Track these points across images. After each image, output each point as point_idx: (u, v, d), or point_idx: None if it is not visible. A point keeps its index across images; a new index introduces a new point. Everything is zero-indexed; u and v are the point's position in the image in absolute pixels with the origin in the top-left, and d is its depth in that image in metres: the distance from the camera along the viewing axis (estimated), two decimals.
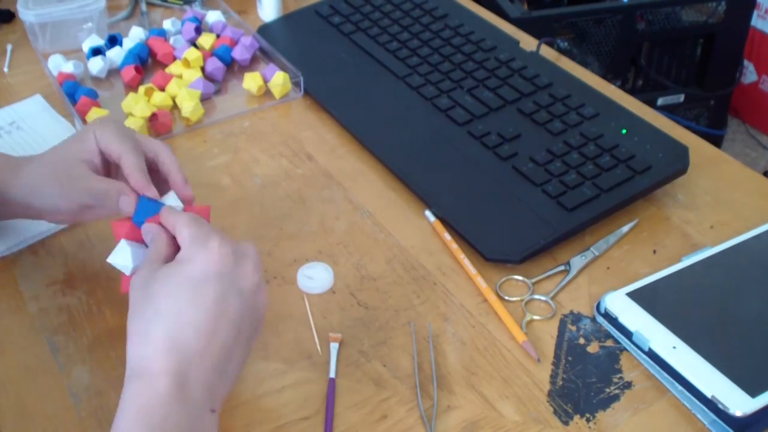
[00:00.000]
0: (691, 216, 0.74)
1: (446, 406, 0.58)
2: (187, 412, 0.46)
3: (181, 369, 0.47)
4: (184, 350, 0.47)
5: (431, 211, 0.74)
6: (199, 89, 0.88)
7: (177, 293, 0.48)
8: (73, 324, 0.64)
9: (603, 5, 1.75)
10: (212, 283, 0.49)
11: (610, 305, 0.63)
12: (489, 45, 0.92)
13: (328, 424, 0.56)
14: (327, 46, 0.97)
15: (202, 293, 0.48)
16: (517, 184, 0.74)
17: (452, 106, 0.84)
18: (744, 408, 0.54)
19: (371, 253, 0.70)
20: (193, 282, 0.49)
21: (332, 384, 0.59)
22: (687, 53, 1.87)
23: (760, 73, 2.25)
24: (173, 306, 0.48)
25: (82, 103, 0.86)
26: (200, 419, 0.47)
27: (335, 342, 0.62)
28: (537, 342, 0.62)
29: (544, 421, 0.57)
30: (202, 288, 0.48)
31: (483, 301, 0.66)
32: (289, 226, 0.73)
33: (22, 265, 0.70)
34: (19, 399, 0.59)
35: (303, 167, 0.81)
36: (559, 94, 0.84)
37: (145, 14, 1.07)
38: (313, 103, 0.90)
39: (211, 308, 0.48)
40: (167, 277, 0.49)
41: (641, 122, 0.80)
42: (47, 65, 0.94)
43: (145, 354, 0.47)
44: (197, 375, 0.47)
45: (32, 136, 0.85)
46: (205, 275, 0.49)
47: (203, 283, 0.49)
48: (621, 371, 0.60)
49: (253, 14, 1.08)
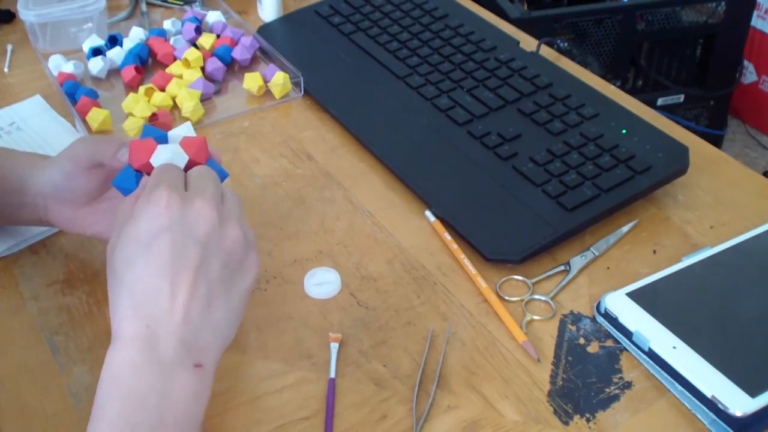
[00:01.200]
0: (691, 216, 0.74)
1: (446, 406, 0.58)
2: (160, 371, 0.45)
3: (149, 331, 0.45)
4: (148, 311, 0.46)
5: (431, 211, 0.74)
6: (200, 89, 0.88)
7: (131, 257, 0.47)
8: (73, 324, 0.64)
9: (603, 5, 1.75)
10: (161, 237, 0.47)
11: (610, 305, 0.63)
12: (489, 45, 0.92)
13: (328, 424, 0.56)
14: (327, 46, 0.97)
15: (153, 250, 0.46)
16: (517, 184, 0.74)
17: (452, 106, 0.84)
18: (744, 408, 0.54)
19: (371, 253, 0.70)
20: (143, 241, 0.47)
21: (332, 384, 0.59)
22: (687, 53, 1.87)
23: (760, 73, 2.25)
24: (130, 271, 0.47)
25: (82, 104, 0.86)
26: (178, 377, 0.45)
27: (335, 342, 0.62)
28: (537, 342, 0.62)
29: (544, 421, 0.57)
30: (152, 245, 0.47)
31: (483, 301, 0.66)
32: (289, 226, 0.73)
33: (22, 265, 0.70)
34: (19, 399, 0.59)
35: (303, 167, 0.81)
36: (559, 95, 0.84)
37: (145, 14, 1.07)
38: (313, 103, 0.90)
39: (166, 262, 0.46)
40: (122, 243, 0.48)
41: (641, 122, 0.80)
42: (47, 65, 0.94)
43: (115, 325, 0.46)
44: (167, 332, 0.46)
45: (32, 137, 0.85)
46: (152, 231, 0.47)
47: (153, 240, 0.47)
48: (621, 371, 0.60)
49: (253, 14, 1.08)
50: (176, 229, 0.47)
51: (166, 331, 0.46)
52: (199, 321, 0.47)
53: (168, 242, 0.47)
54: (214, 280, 0.48)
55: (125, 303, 0.46)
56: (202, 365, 0.47)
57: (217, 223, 0.49)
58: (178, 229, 0.47)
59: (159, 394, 0.44)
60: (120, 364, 0.45)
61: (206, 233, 0.48)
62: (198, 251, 0.47)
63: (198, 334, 0.47)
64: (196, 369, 0.46)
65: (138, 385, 0.44)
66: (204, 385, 0.47)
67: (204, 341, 0.47)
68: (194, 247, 0.47)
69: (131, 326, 0.46)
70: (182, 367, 0.46)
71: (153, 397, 0.44)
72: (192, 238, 0.47)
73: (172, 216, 0.47)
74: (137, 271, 0.47)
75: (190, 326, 0.46)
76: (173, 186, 0.49)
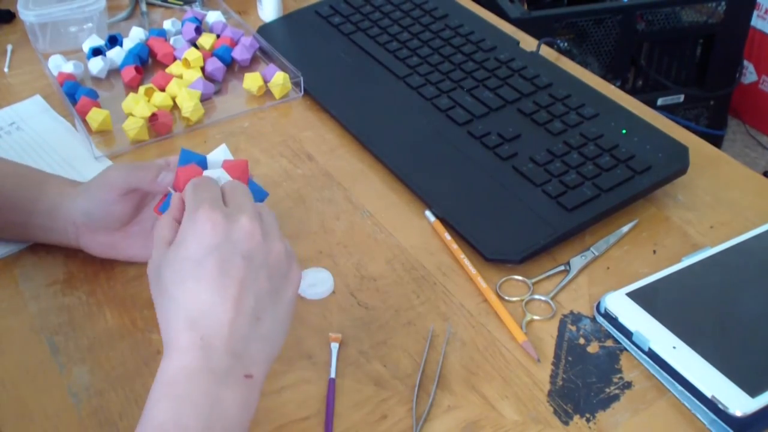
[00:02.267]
0: (691, 216, 0.74)
1: (446, 406, 0.58)
2: (213, 380, 0.46)
3: (204, 342, 0.47)
4: (203, 324, 0.48)
5: (431, 211, 0.74)
6: (199, 89, 0.88)
7: (182, 277, 0.49)
8: (73, 324, 0.64)
9: (603, 5, 1.75)
10: (210, 256, 0.49)
11: (610, 305, 0.63)
12: (489, 45, 0.92)
13: (328, 424, 0.56)
14: (327, 46, 0.97)
15: (204, 268, 0.49)
16: (517, 184, 0.74)
17: (452, 106, 0.84)
18: (744, 408, 0.54)
19: (371, 253, 0.70)
20: (192, 262, 0.49)
21: (332, 384, 0.59)
22: (687, 53, 1.87)
23: (760, 73, 2.25)
24: (183, 289, 0.49)
25: (82, 104, 0.86)
26: (229, 386, 0.47)
27: (335, 342, 0.62)
28: (537, 342, 0.62)
29: (544, 421, 0.57)
30: (202, 265, 0.49)
31: (483, 301, 0.66)
32: (289, 226, 0.73)
33: (22, 265, 0.70)
34: (19, 399, 0.59)
35: (303, 167, 0.81)
36: (559, 95, 0.84)
37: (145, 14, 1.07)
38: (313, 103, 0.90)
39: (216, 278, 0.48)
40: (171, 263, 0.50)
41: (641, 122, 0.80)
42: (47, 65, 0.94)
43: (170, 337, 0.48)
44: (220, 344, 0.47)
45: (32, 137, 0.85)
46: (200, 250, 0.49)
47: (202, 260, 0.49)
48: (621, 371, 0.60)
49: (253, 14, 1.08)
50: (223, 248, 0.49)
51: (219, 342, 0.47)
52: (248, 333, 0.48)
53: (216, 260, 0.49)
54: (261, 293, 0.50)
55: (179, 317, 0.48)
56: (252, 376, 0.48)
57: (261, 239, 0.50)
58: (225, 247, 0.49)
59: (210, 401, 0.46)
60: (175, 370, 0.47)
61: (251, 248, 0.50)
62: (245, 266, 0.49)
63: (248, 345, 0.48)
64: (246, 379, 0.48)
65: (191, 390, 0.46)
66: (252, 395, 0.48)
67: (254, 352, 0.49)
68: (241, 263, 0.49)
69: (186, 337, 0.48)
70: (233, 378, 0.47)
71: (204, 404, 0.46)
72: (239, 255, 0.49)
73: (218, 235, 0.49)
74: (189, 287, 0.49)
75: (240, 338, 0.48)
76: (215, 204, 0.51)
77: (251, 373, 0.48)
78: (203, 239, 0.49)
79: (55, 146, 0.83)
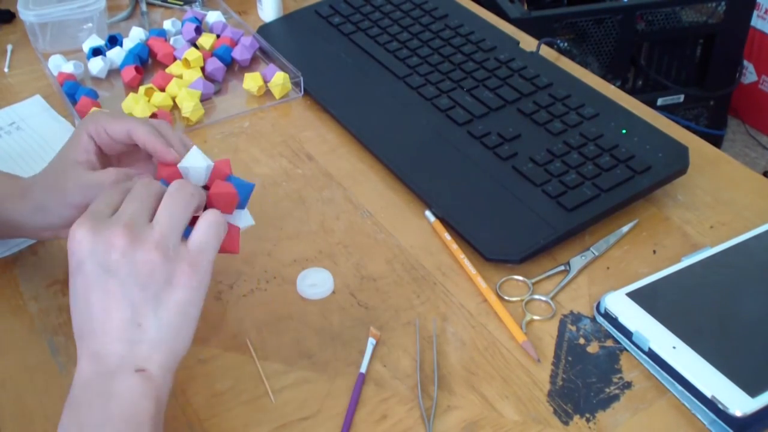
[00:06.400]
0: (691, 216, 0.74)
1: (446, 406, 0.58)
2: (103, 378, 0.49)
3: (90, 350, 0.50)
4: (87, 334, 0.50)
5: (431, 211, 0.74)
6: (199, 89, 0.88)
7: (71, 291, 0.51)
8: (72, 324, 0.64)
9: (603, 5, 1.75)
10: (81, 272, 0.50)
11: (610, 305, 0.63)
12: (489, 45, 0.93)
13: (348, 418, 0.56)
14: (327, 46, 0.97)
15: (79, 283, 0.50)
16: (517, 184, 0.74)
17: (452, 106, 0.84)
18: (744, 408, 0.54)
19: (371, 253, 0.70)
20: (72, 276, 0.51)
21: (361, 378, 0.59)
22: (687, 53, 1.87)
23: (760, 73, 2.25)
24: (72, 302, 0.51)
25: (82, 104, 0.86)
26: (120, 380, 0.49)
27: (373, 338, 0.62)
28: (537, 342, 0.62)
29: (544, 421, 0.57)
30: (78, 279, 0.50)
31: (483, 301, 0.66)
32: (289, 226, 0.73)
33: (22, 265, 0.70)
34: (19, 399, 0.59)
35: (303, 167, 0.81)
36: (559, 95, 0.84)
37: (145, 14, 1.07)
38: (313, 103, 0.90)
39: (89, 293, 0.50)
40: None
41: (641, 122, 0.80)
42: (47, 65, 0.94)
43: None
44: (105, 349, 0.49)
45: (32, 137, 0.85)
46: (74, 267, 0.50)
47: (76, 275, 0.50)
48: (621, 371, 0.60)
49: (253, 14, 1.08)
50: (89, 263, 0.50)
51: (103, 349, 0.49)
52: (131, 338, 0.50)
53: (86, 275, 0.50)
54: (137, 302, 0.50)
55: (74, 329, 0.51)
56: (145, 369, 0.49)
57: (129, 250, 0.50)
58: (91, 262, 0.50)
59: (103, 397, 0.48)
60: (74, 382, 0.50)
61: (116, 261, 0.50)
62: (112, 280, 0.50)
63: (133, 348, 0.50)
64: (139, 373, 0.49)
65: (85, 393, 0.49)
66: (150, 385, 0.49)
67: (142, 353, 0.50)
68: (108, 277, 0.50)
69: (79, 348, 0.50)
70: (123, 373, 0.49)
71: (98, 401, 0.48)
72: (104, 269, 0.50)
73: (85, 250, 0.50)
74: (73, 301, 0.51)
75: (123, 342, 0.49)
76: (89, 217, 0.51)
77: (144, 368, 0.49)
78: (73, 256, 0.50)
79: (55, 146, 0.82)
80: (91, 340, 0.50)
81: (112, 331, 0.49)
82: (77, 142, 0.61)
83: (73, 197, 0.60)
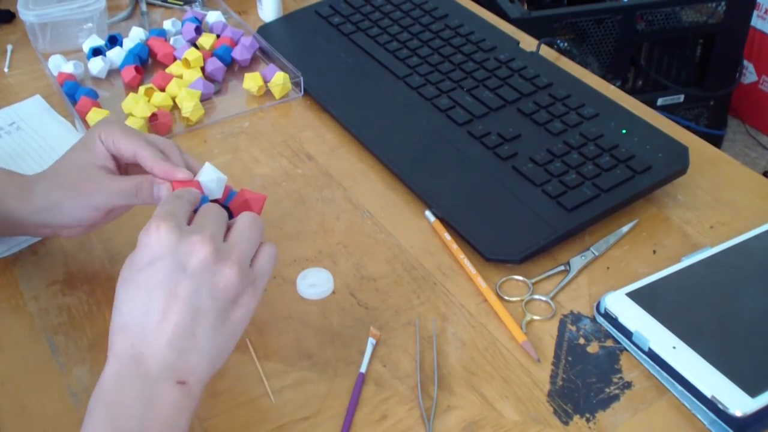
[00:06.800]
0: (691, 216, 0.74)
1: (446, 406, 0.58)
2: (145, 384, 0.48)
3: (134, 349, 0.49)
4: (136, 331, 0.49)
5: (431, 211, 0.74)
6: (200, 89, 0.88)
7: (127, 280, 0.51)
8: (73, 324, 0.64)
9: (603, 5, 1.75)
10: (154, 267, 0.50)
11: (610, 305, 0.63)
12: (489, 45, 0.93)
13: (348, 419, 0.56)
14: (327, 46, 0.97)
15: (145, 276, 0.50)
16: (517, 184, 0.74)
17: (452, 106, 0.84)
18: (744, 408, 0.54)
19: (371, 253, 0.70)
20: (137, 269, 0.50)
21: (361, 378, 0.59)
22: (687, 53, 1.87)
23: (760, 73, 2.25)
24: (125, 293, 0.51)
25: (82, 104, 0.86)
26: (161, 390, 0.48)
27: (373, 338, 0.62)
28: (537, 342, 0.62)
29: (544, 421, 0.57)
30: (145, 273, 0.50)
31: (483, 301, 0.66)
32: (289, 226, 0.73)
33: (22, 265, 0.70)
34: (19, 399, 0.59)
35: (303, 167, 0.81)
36: (559, 95, 0.84)
37: (145, 14, 1.07)
38: (313, 103, 0.90)
39: (155, 289, 0.50)
40: (124, 270, 0.51)
41: (641, 122, 0.80)
42: (47, 65, 0.94)
43: (110, 340, 0.50)
44: (150, 351, 0.49)
45: (32, 137, 0.85)
46: (144, 261, 0.50)
47: (146, 268, 0.50)
48: (621, 371, 0.60)
49: (253, 14, 1.08)
50: (166, 260, 0.50)
51: (149, 351, 0.49)
52: (182, 345, 0.49)
53: (159, 271, 0.50)
54: (202, 311, 0.50)
55: (117, 321, 0.50)
56: (186, 382, 0.49)
57: (211, 260, 0.51)
58: (170, 260, 0.50)
59: (143, 404, 0.48)
60: (109, 377, 0.49)
61: (197, 267, 0.50)
62: (186, 283, 0.50)
63: (180, 356, 0.49)
64: (179, 385, 0.49)
65: (123, 395, 0.48)
66: (187, 399, 0.49)
67: (188, 363, 0.50)
68: (183, 279, 0.50)
69: (120, 342, 0.50)
70: (165, 382, 0.49)
71: (137, 407, 0.48)
72: (182, 270, 0.50)
73: (164, 247, 0.50)
74: (129, 293, 0.50)
75: (172, 349, 0.49)
76: (173, 217, 0.52)
77: (185, 380, 0.49)
78: (148, 249, 0.50)
79: (55, 146, 0.83)
80: (138, 338, 0.49)
81: (164, 334, 0.49)
82: (92, 147, 0.62)
83: (97, 200, 0.61)
